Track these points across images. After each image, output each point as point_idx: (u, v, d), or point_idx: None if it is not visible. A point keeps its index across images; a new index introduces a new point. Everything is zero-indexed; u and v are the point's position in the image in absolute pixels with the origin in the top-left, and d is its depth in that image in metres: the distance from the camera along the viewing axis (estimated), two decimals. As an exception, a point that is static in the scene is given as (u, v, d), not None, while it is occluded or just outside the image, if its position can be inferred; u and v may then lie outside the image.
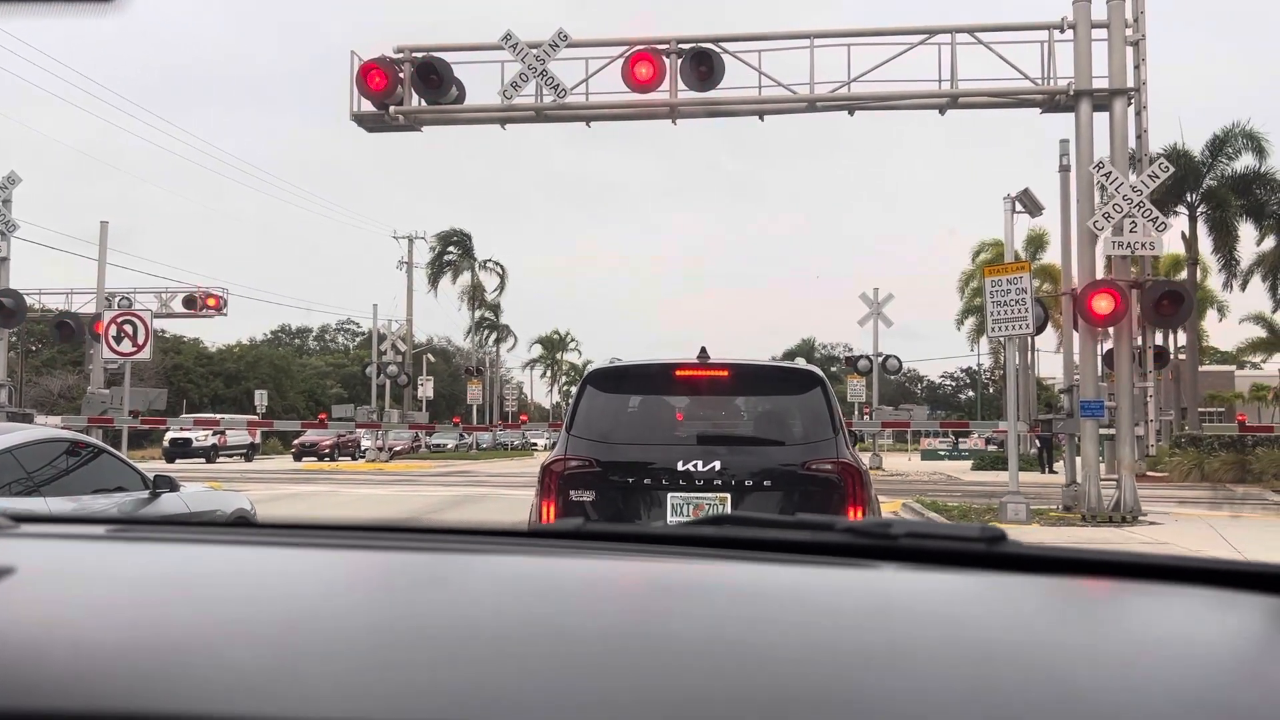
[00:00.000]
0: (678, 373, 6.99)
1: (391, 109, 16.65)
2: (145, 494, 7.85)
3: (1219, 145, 33.06)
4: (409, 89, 16.59)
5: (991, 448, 42.07)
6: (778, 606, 0.94)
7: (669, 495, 6.35)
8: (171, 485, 8.12)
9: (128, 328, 18.86)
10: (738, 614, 0.91)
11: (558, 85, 16.22)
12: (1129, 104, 15.37)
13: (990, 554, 1.06)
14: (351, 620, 0.89)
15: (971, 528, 1.12)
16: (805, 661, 0.76)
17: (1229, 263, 34.92)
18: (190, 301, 38.77)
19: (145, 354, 19.38)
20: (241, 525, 1.77)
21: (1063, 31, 15.49)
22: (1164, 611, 0.95)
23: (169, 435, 40.34)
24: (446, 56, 16.59)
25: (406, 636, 0.83)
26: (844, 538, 1.13)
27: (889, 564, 1.06)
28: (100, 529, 1.36)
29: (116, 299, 30.76)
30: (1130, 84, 15.30)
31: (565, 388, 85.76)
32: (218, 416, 43.27)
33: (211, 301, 39.02)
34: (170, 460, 39.02)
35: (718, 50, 15.88)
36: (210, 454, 41.02)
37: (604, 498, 6.46)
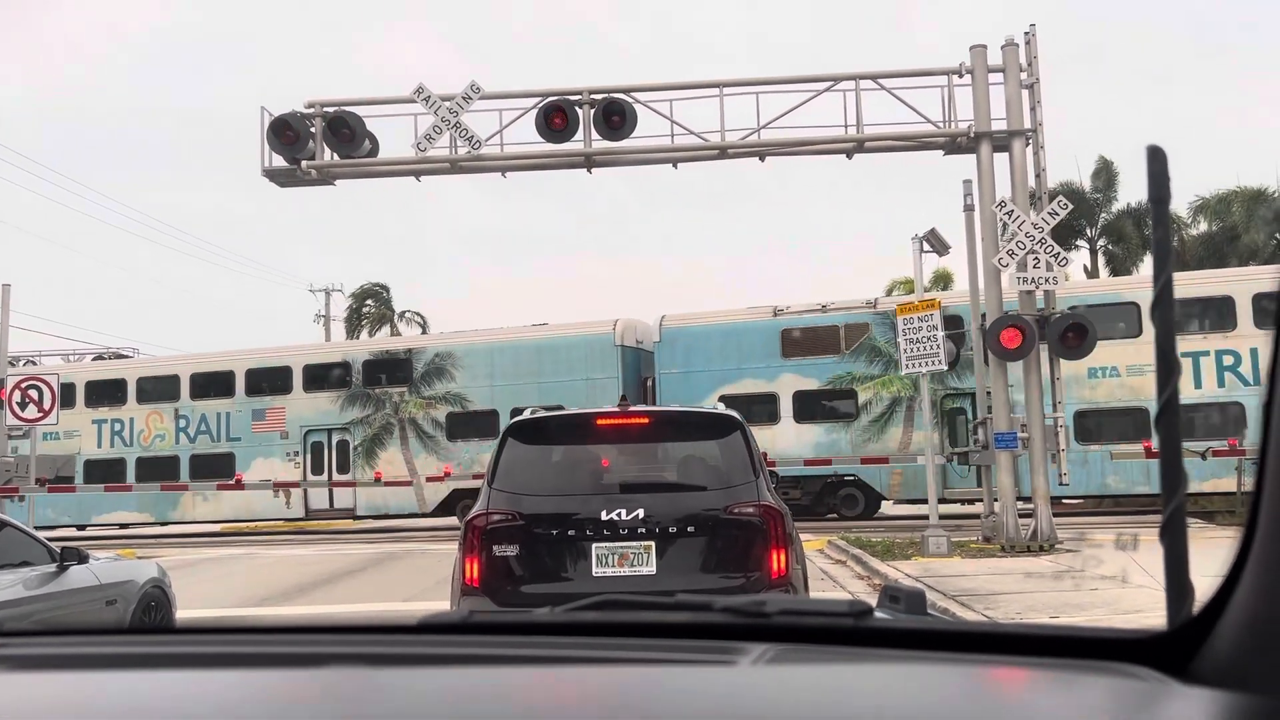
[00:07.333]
0: (598, 421, 7.01)
1: (303, 164, 16.53)
2: (52, 568, 7.60)
3: (1099, 173, 35.10)
4: (320, 143, 16.51)
5: None
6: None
7: (593, 545, 6.33)
8: (80, 557, 7.87)
9: (33, 392, 18.26)
10: None
11: (472, 137, 16.28)
12: (1027, 144, 15.96)
13: (857, 629, 1.12)
14: None
15: (840, 603, 1.17)
16: None
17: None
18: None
19: (52, 419, 18.78)
20: (136, 633, 1.74)
21: (961, 76, 16.05)
22: (1011, 692, 1.01)
23: (79, 501, 38.95)
24: (359, 110, 16.56)
25: None
26: (721, 618, 1.17)
27: (763, 644, 1.11)
28: None
29: (21, 361, 29.77)
30: (1027, 125, 15.90)
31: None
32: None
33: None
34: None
35: (629, 100, 16.12)
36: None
37: (528, 551, 6.42)
